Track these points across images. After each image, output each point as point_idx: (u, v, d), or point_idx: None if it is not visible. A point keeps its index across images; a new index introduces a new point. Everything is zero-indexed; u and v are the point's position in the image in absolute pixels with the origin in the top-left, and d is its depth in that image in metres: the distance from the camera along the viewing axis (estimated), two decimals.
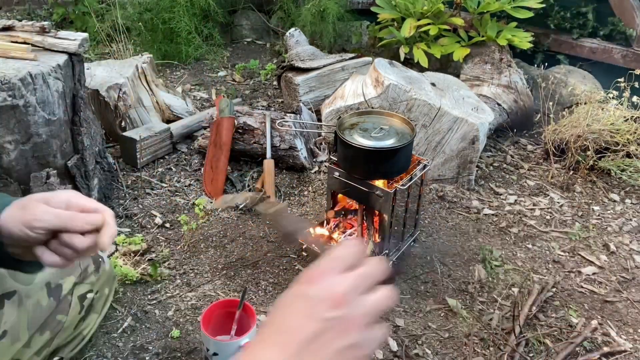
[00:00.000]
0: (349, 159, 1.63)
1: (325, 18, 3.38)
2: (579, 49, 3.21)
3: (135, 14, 3.59)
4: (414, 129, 1.64)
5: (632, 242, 2.03)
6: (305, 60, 2.89)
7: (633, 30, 3.02)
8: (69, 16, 3.93)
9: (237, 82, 3.36)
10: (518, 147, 2.72)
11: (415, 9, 2.98)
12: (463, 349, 1.54)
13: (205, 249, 1.92)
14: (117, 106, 2.44)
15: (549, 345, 1.55)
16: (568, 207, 2.24)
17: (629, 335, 1.62)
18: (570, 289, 1.79)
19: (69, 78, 1.83)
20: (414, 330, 1.59)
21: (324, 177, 2.35)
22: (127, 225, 2.02)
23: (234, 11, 4.10)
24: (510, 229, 2.08)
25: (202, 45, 3.57)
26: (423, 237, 2.00)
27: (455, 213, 2.16)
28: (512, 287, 1.79)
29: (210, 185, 2.23)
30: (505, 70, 2.82)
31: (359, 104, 2.27)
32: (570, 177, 2.43)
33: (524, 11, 2.89)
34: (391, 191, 1.60)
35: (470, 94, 2.42)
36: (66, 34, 1.88)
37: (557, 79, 2.97)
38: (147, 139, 2.36)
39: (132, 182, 2.27)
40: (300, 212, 2.14)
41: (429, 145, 2.24)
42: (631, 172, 2.37)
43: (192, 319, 1.62)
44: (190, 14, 3.47)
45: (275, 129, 2.33)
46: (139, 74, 2.64)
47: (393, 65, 2.37)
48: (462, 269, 1.85)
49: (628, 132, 2.33)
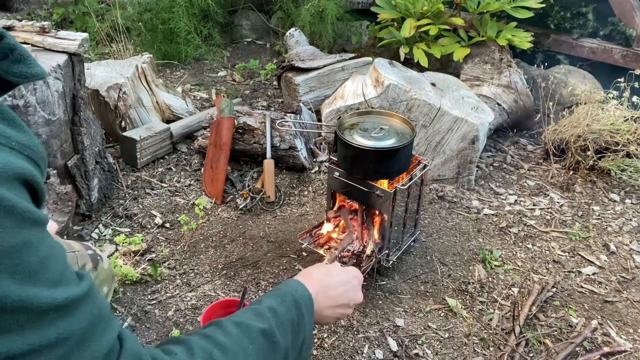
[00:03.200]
0: (349, 159, 1.62)
1: (324, 18, 3.38)
2: (579, 49, 3.21)
3: (135, 14, 3.59)
4: (414, 129, 1.64)
5: (632, 242, 2.03)
6: (305, 60, 2.89)
7: (633, 30, 3.02)
8: (69, 16, 3.93)
9: (237, 82, 3.36)
10: (518, 147, 2.72)
11: (415, 9, 2.98)
12: (463, 349, 1.54)
13: (205, 249, 1.92)
14: (117, 106, 2.44)
15: (549, 345, 1.55)
16: (568, 207, 2.24)
17: (629, 335, 1.62)
18: (570, 289, 1.79)
19: (69, 78, 1.83)
20: (414, 330, 1.59)
21: (324, 177, 2.35)
22: (127, 225, 2.02)
23: (234, 11, 4.10)
24: (510, 229, 2.08)
25: (201, 45, 3.57)
26: (423, 237, 2.00)
27: (455, 213, 2.16)
28: (512, 287, 1.79)
29: (210, 185, 2.23)
30: (505, 70, 2.82)
31: (359, 104, 2.27)
32: (570, 177, 2.43)
33: (524, 11, 2.89)
34: (391, 191, 1.60)
35: (470, 94, 2.42)
36: (66, 34, 1.88)
37: (557, 79, 2.97)
38: (147, 139, 2.36)
39: (132, 182, 2.27)
40: (300, 212, 2.15)
41: (429, 145, 2.24)
42: (631, 172, 2.37)
43: (192, 319, 1.62)
44: (189, 14, 3.47)
45: (275, 129, 2.33)
46: (139, 74, 2.64)
47: (393, 65, 2.37)
48: (462, 269, 1.85)
49: (628, 132, 2.33)
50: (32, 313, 0.43)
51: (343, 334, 1.57)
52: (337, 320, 1.07)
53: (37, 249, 0.45)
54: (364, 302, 1.68)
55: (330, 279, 0.97)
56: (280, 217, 2.11)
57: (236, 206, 2.16)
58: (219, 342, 0.69)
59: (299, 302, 0.83)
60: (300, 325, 0.81)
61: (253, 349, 0.72)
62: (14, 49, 0.54)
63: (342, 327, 1.59)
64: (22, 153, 0.46)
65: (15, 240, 0.43)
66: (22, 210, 0.44)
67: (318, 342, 1.54)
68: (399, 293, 1.73)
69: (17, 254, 0.43)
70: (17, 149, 0.46)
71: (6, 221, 0.43)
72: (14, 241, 0.43)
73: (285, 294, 0.83)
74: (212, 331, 0.71)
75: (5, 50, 0.53)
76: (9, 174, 0.44)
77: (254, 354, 0.72)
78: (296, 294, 0.84)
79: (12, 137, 0.46)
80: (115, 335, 0.54)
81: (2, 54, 0.53)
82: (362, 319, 1.62)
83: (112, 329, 0.53)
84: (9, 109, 0.51)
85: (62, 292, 0.46)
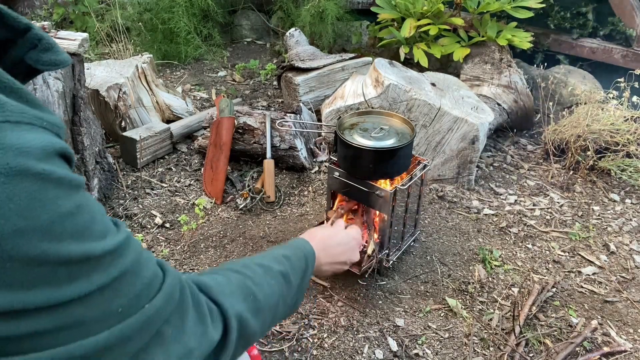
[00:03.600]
0: (349, 159, 1.62)
1: (324, 19, 3.38)
2: (579, 49, 3.21)
3: (135, 14, 3.59)
4: (414, 129, 1.64)
5: (632, 242, 2.03)
6: (305, 60, 2.89)
7: (633, 30, 3.02)
8: (69, 16, 3.93)
9: (237, 82, 3.36)
10: (518, 147, 2.72)
11: (415, 9, 2.98)
12: (463, 349, 1.54)
13: (205, 249, 1.92)
14: (117, 106, 2.44)
15: (549, 345, 1.55)
16: (568, 207, 2.24)
17: (629, 335, 1.62)
18: (570, 289, 1.79)
19: (69, 78, 1.83)
20: (414, 330, 1.59)
21: (324, 177, 2.35)
22: (127, 225, 2.02)
23: (234, 11, 4.10)
24: (510, 229, 2.08)
25: (201, 45, 3.57)
26: (423, 237, 2.00)
27: (455, 213, 2.16)
28: (512, 287, 1.79)
29: (210, 185, 2.23)
30: (505, 70, 2.82)
31: (359, 104, 2.27)
32: (570, 177, 2.43)
33: (524, 11, 2.89)
34: (391, 191, 1.60)
35: (470, 94, 2.42)
36: (66, 34, 1.88)
37: (557, 79, 2.97)
38: (147, 139, 2.36)
39: (132, 182, 2.27)
40: (300, 212, 2.15)
41: (429, 145, 2.24)
42: (631, 172, 2.37)
43: None
44: (189, 14, 3.47)
45: (275, 129, 2.33)
46: (139, 74, 2.64)
47: (393, 65, 2.37)
48: (462, 269, 1.85)
49: (628, 132, 2.33)
50: (94, 262, 0.52)
51: (343, 334, 1.57)
52: (333, 273, 1.26)
53: (86, 209, 0.53)
54: (364, 302, 1.68)
55: (331, 239, 1.20)
56: (280, 217, 2.11)
57: (236, 206, 2.16)
58: (248, 275, 0.82)
59: (307, 256, 1.01)
60: (305, 276, 0.98)
61: (275, 284, 0.86)
62: (42, 38, 0.58)
63: (342, 327, 1.59)
64: (52, 131, 0.52)
65: (69, 205, 0.50)
66: (69, 179, 0.51)
67: (318, 342, 1.54)
68: (399, 293, 1.73)
69: (73, 217, 0.51)
70: (49, 128, 0.52)
71: (59, 191, 0.50)
72: (69, 206, 0.50)
73: (296, 248, 1.01)
74: (240, 267, 0.84)
75: (33, 40, 0.58)
76: (51, 150, 0.50)
77: (277, 290, 0.86)
78: (304, 249, 1.02)
79: (43, 117, 0.52)
80: (155, 263, 0.64)
81: (30, 44, 0.58)
82: (362, 319, 1.62)
83: (151, 258, 0.63)
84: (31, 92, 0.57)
85: (110, 240, 0.54)
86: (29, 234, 0.47)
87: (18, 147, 0.47)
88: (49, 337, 0.49)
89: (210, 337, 0.68)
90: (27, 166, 0.47)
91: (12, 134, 0.47)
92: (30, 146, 0.48)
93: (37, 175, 0.48)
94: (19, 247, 0.46)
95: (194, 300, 0.68)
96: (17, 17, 0.56)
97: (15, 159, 0.47)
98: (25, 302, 0.47)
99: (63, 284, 0.49)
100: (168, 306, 0.61)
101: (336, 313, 1.64)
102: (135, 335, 0.56)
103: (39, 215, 0.48)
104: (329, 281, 1.75)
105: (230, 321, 0.72)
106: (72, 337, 0.51)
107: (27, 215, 0.47)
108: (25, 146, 0.48)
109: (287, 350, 1.51)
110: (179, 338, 0.63)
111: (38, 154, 0.48)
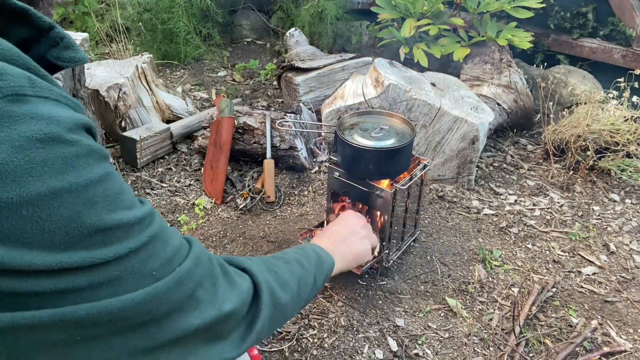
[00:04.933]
0: (349, 159, 1.62)
1: (324, 19, 3.38)
2: (579, 49, 3.21)
3: (134, 14, 3.59)
4: (414, 129, 1.64)
5: (632, 242, 2.03)
6: (305, 60, 2.89)
7: (633, 30, 3.02)
8: (69, 16, 3.93)
9: (237, 82, 3.36)
10: (518, 147, 2.72)
11: (415, 9, 2.98)
12: (463, 349, 1.54)
13: (205, 249, 1.92)
14: (117, 106, 2.44)
15: (549, 345, 1.55)
16: (568, 207, 2.24)
17: (629, 335, 1.62)
18: (570, 289, 1.79)
19: (69, 78, 1.83)
20: (414, 330, 1.59)
21: (324, 177, 2.35)
22: None
23: (234, 11, 4.10)
24: (510, 229, 2.08)
25: (201, 45, 3.57)
26: (423, 237, 1.99)
27: (455, 213, 2.16)
28: (512, 287, 1.79)
29: (210, 185, 2.23)
30: (505, 70, 2.82)
31: (359, 104, 2.27)
32: (570, 177, 2.43)
33: (523, 11, 2.89)
34: (391, 191, 1.60)
35: (470, 94, 2.42)
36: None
37: (557, 79, 2.98)
38: (147, 139, 2.36)
39: (132, 182, 2.27)
40: (300, 212, 2.14)
41: (429, 145, 2.24)
42: (631, 172, 2.37)
43: None
44: (189, 14, 3.47)
45: (275, 129, 2.33)
46: (139, 74, 2.64)
47: (393, 65, 2.37)
48: (462, 269, 1.85)
49: (628, 132, 2.33)
50: (125, 228, 0.55)
51: (343, 334, 1.57)
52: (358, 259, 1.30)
53: (115, 178, 0.57)
54: (364, 302, 1.68)
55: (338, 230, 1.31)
56: (280, 217, 2.11)
57: (236, 206, 2.16)
58: (265, 259, 0.87)
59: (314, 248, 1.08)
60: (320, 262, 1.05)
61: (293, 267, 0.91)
62: (64, 37, 0.62)
63: (342, 327, 1.59)
64: (76, 110, 0.56)
65: (100, 172, 0.54)
66: (97, 149, 0.55)
67: (318, 342, 1.54)
68: (399, 293, 1.73)
69: (104, 183, 0.54)
70: (73, 107, 0.55)
71: (90, 159, 0.53)
72: (100, 172, 0.54)
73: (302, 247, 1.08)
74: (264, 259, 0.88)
75: (56, 38, 0.61)
76: (79, 124, 0.54)
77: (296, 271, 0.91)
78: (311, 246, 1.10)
79: (67, 97, 0.56)
80: (181, 235, 0.68)
81: (53, 42, 0.61)
82: (362, 319, 1.62)
83: (176, 231, 0.67)
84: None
85: (138, 210, 0.58)
86: (63, 196, 0.50)
87: (49, 117, 0.51)
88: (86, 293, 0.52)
89: (242, 299, 0.72)
90: (59, 133, 0.51)
91: (43, 107, 0.51)
92: (61, 117, 0.52)
93: (68, 142, 0.51)
94: (55, 209, 0.49)
95: (222, 269, 0.72)
96: (41, 17, 0.59)
97: (48, 127, 0.50)
98: (61, 261, 0.50)
99: (97, 246, 0.53)
100: (198, 269, 0.65)
101: (336, 313, 1.64)
102: (169, 294, 0.60)
103: (73, 178, 0.51)
104: (329, 281, 1.75)
105: (260, 285, 0.77)
106: (108, 295, 0.54)
107: (61, 178, 0.50)
108: (56, 116, 0.51)
109: (287, 350, 1.51)
110: (212, 302, 0.67)
111: (68, 123, 0.52)
